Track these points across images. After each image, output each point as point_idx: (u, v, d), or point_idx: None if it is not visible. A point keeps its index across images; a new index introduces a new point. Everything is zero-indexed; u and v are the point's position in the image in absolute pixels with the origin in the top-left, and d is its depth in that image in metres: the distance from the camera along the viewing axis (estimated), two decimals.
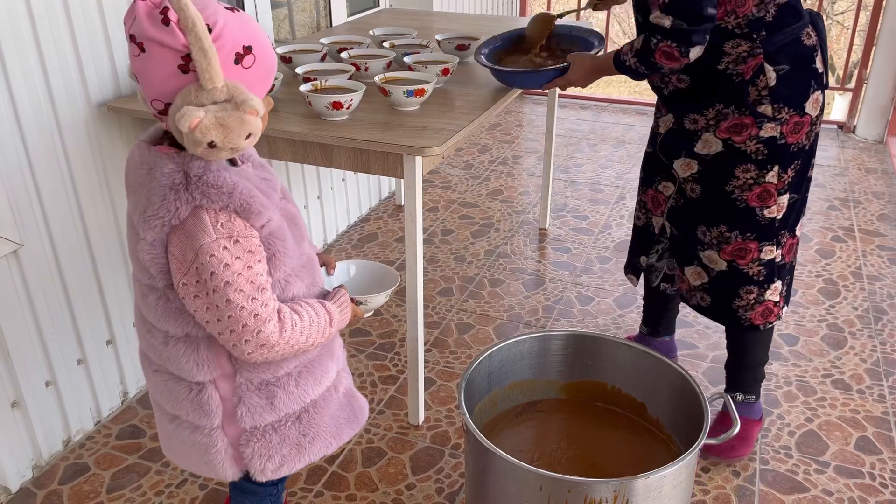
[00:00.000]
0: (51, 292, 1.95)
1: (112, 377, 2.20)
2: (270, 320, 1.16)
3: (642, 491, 1.36)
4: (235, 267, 1.12)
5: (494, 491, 1.47)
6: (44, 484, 1.97)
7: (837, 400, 2.30)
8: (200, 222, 1.11)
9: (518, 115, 4.89)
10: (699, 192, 1.83)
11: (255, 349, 1.16)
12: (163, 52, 1.04)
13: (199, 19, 1.02)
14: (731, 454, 2.01)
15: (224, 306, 1.12)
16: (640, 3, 1.79)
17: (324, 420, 1.36)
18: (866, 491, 1.97)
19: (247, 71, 1.10)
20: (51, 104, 1.88)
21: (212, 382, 1.26)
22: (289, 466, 1.34)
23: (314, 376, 1.33)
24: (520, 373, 1.76)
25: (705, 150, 1.78)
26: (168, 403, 1.31)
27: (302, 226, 1.30)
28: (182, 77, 1.06)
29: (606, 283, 2.93)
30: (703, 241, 1.87)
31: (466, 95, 2.14)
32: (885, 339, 2.59)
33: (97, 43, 1.97)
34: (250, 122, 1.07)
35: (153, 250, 1.14)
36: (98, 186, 2.04)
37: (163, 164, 1.12)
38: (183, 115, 1.03)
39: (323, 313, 1.26)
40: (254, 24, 1.13)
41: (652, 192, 2.03)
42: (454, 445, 2.10)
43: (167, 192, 1.11)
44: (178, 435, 1.33)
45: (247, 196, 1.13)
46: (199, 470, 1.35)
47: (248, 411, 1.27)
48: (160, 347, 1.25)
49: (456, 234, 3.31)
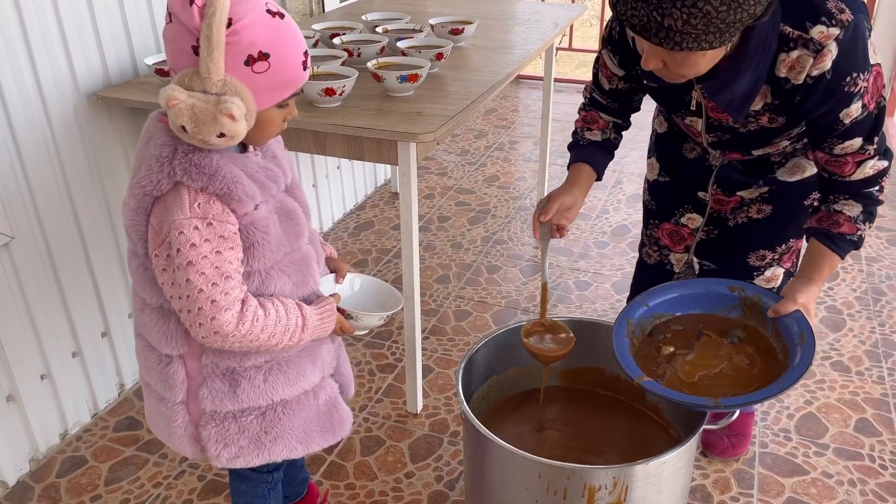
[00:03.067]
0: (44, 285, 1.93)
1: (108, 369, 2.19)
2: (228, 309, 1.14)
3: (642, 477, 1.35)
4: (202, 249, 1.11)
5: (493, 478, 1.47)
6: (41, 477, 1.96)
7: (836, 382, 2.29)
8: (179, 198, 1.11)
9: (514, 100, 4.86)
10: (770, 211, 1.65)
11: (209, 334, 1.15)
12: (181, 28, 1.06)
13: (221, 9, 1.02)
14: (731, 453, 2.00)
15: (184, 285, 1.13)
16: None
17: (292, 423, 1.33)
18: (866, 473, 1.96)
19: (256, 76, 1.08)
20: (39, 94, 1.85)
21: (180, 357, 1.26)
22: (245, 459, 1.32)
23: (286, 376, 1.30)
24: (518, 360, 1.74)
25: (791, 177, 1.61)
26: (143, 369, 1.33)
27: (301, 222, 1.28)
28: (193, 58, 1.07)
29: (604, 269, 2.92)
30: (759, 266, 1.71)
31: (461, 80, 2.12)
32: (884, 321, 2.58)
33: (85, 31, 1.95)
34: (223, 122, 1.06)
35: (135, 217, 1.16)
36: (89, 177, 2.02)
37: (159, 135, 1.14)
38: (165, 91, 1.05)
39: (296, 316, 1.23)
40: (289, 36, 1.10)
41: (669, 227, 1.80)
42: (453, 433, 2.10)
43: (153, 164, 1.12)
44: (150, 402, 1.35)
45: (229, 181, 1.12)
46: (165, 440, 1.36)
47: (209, 394, 1.26)
48: (138, 313, 1.28)
49: (452, 221, 3.30)
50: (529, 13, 3.00)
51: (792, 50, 1.29)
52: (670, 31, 1.15)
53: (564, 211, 1.59)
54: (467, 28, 2.46)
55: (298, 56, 1.12)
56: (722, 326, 1.49)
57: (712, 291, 1.53)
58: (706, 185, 1.69)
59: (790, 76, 1.32)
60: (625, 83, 1.61)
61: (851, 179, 1.41)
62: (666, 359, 1.44)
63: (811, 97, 1.32)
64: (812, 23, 1.27)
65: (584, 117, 1.71)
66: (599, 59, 1.63)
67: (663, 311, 1.53)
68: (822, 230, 1.45)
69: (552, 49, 3.08)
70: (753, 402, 1.34)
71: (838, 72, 1.28)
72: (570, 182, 1.64)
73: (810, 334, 1.36)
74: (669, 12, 1.13)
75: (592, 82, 1.69)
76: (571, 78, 5.06)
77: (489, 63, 2.29)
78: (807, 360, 1.32)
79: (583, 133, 1.69)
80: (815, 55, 1.27)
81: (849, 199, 1.43)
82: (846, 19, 1.26)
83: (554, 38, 2.68)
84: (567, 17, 2.91)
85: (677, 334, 1.49)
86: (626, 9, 1.18)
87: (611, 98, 1.66)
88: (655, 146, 1.81)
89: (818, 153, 1.42)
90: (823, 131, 1.37)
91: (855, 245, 1.44)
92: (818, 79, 1.30)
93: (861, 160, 1.38)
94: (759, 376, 1.38)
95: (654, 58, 1.26)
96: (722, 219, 1.72)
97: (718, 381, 1.40)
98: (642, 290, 1.89)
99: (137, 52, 2.12)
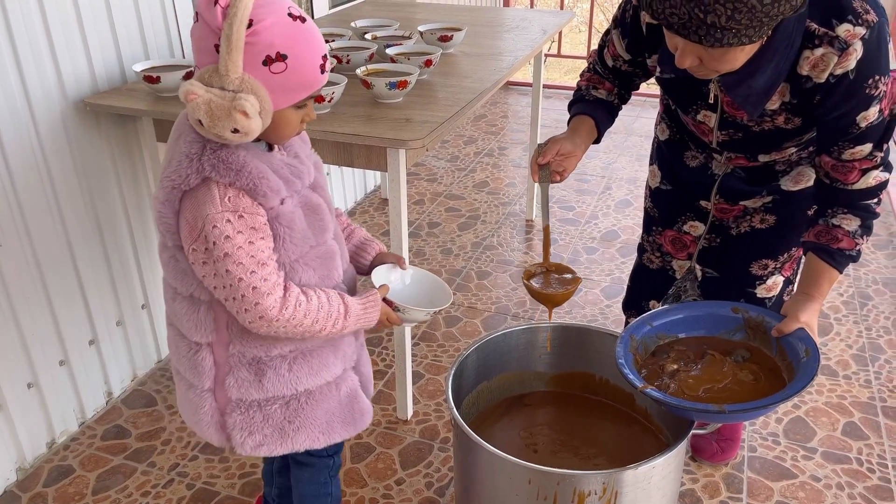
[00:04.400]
0: (31, 292, 1.92)
1: (96, 377, 2.18)
2: (270, 294, 1.19)
3: (631, 482, 1.35)
4: (237, 240, 1.16)
5: (483, 485, 1.46)
6: (28, 487, 1.95)
7: (824, 386, 2.31)
8: (210, 193, 1.15)
9: (503, 107, 4.88)
10: (773, 221, 1.65)
11: (255, 320, 1.19)
12: (205, 27, 1.10)
13: (243, 10, 1.05)
14: (720, 457, 2.01)
15: (225, 276, 1.17)
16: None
17: (315, 413, 1.36)
18: (854, 476, 1.98)
19: (273, 76, 1.11)
20: (26, 101, 1.84)
21: (208, 346, 1.29)
22: (269, 447, 1.35)
23: (310, 366, 1.33)
24: (508, 365, 1.74)
25: (796, 186, 1.60)
26: (174, 357, 1.37)
27: (325, 217, 1.31)
28: (215, 56, 1.10)
29: (593, 274, 2.93)
30: (761, 275, 1.71)
31: (450, 87, 2.13)
32: (871, 325, 2.60)
33: (73, 37, 1.94)
34: (236, 118, 1.09)
35: (162, 209, 1.20)
36: (77, 183, 2.01)
37: (188, 132, 1.18)
38: (184, 86, 1.09)
39: (337, 303, 1.27)
40: (308, 39, 1.13)
41: (672, 234, 1.79)
42: (443, 439, 2.09)
43: (183, 159, 1.16)
44: (180, 389, 1.39)
45: (255, 177, 1.16)
46: (193, 426, 1.39)
47: (235, 382, 1.30)
48: (170, 301, 1.32)
49: (442, 227, 3.30)
50: (518, 20, 3.01)
51: (817, 47, 1.28)
52: (712, 28, 1.13)
53: (563, 157, 1.56)
54: (456, 35, 2.47)
55: (316, 59, 1.15)
56: (726, 348, 1.49)
57: (715, 314, 1.53)
58: (709, 194, 1.69)
59: (812, 74, 1.31)
60: (628, 66, 1.60)
61: (853, 188, 1.40)
62: (669, 375, 1.44)
63: (832, 97, 1.32)
64: (839, 21, 1.26)
65: (588, 77, 1.69)
66: (608, 36, 1.62)
67: (666, 332, 1.53)
68: (822, 246, 1.44)
69: (541, 55, 3.09)
70: (759, 408, 1.33)
71: (862, 73, 1.28)
72: (572, 131, 1.61)
73: (815, 349, 1.36)
74: (713, 8, 1.11)
75: (597, 55, 1.67)
76: (560, 84, 5.08)
77: (478, 70, 2.30)
78: (811, 371, 1.32)
79: (588, 90, 1.67)
80: (840, 53, 1.27)
81: (847, 213, 1.42)
82: (872, 20, 1.26)
83: (543, 44, 2.70)
84: (556, 24, 2.92)
85: (681, 354, 1.49)
86: (665, 7, 1.16)
87: (612, 75, 1.65)
88: (657, 154, 1.81)
89: (825, 157, 1.41)
90: (837, 134, 1.36)
91: (853, 259, 1.44)
92: (841, 78, 1.29)
93: (867, 168, 1.38)
94: (764, 391, 1.38)
95: (689, 55, 1.24)
96: (724, 227, 1.71)
97: (722, 394, 1.40)
98: (643, 294, 1.91)
99: (125, 59, 2.11)
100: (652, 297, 1.89)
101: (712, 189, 1.68)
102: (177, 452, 2.06)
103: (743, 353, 1.47)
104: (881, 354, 2.45)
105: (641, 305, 1.91)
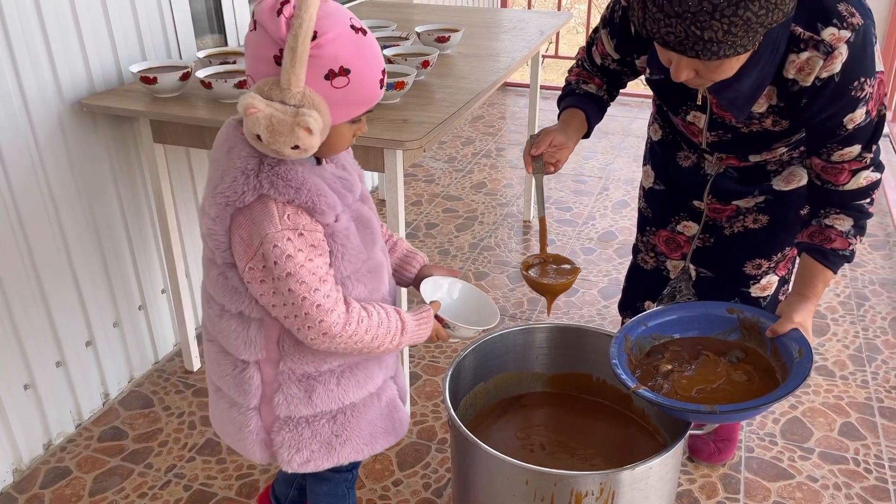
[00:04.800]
0: (27, 294, 1.92)
1: (92, 379, 2.17)
2: (334, 311, 1.17)
3: (629, 482, 1.36)
4: (298, 259, 1.13)
5: (481, 485, 1.46)
6: (25, 488, 1.94)
7: (821, 386, 2.31)
8: (268, 211, 1.12)
9: (501, 108, 4.88)
10: (766, 221, 1.65)
11: (318, 336, 1.18)
12: (265, 37, 1.07)
13: (308, 23, 1.03)
14: (717, 458, 2.01)
15: (287, 294, 1.15)
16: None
17: (360, 425, 1.35)
18: (851, 476, 1.98)
19: (335, 90, 1.09)
20: (23, 102, 1.84)
21: (256, 364, 1.27)
22: (315, 463, 1.34)
23: (357, 379, 1.32)
24: (505, 366, 1.74)
25: (787, 186, 1.60)
26: (215, 374, 1.34)
27: (375, 230, 1.30)
28: (273, 67, 1.07)
29: (591, 274, 2.93)
30: (755, 275, 1.71)
31: (447, 88, 2.13)
32: (868, 325, 2.60)
33: (69, 38, 1.94)
34: (299, 135, 1.07)
35: (213, 226, 1.17)
36: (73, 185, 2.01)
37: (242, 146, 1.14)
38: (244, 98, 1.06)
39: (395, 320, 1.26)
40: (370, 53, 1.12)
41: (666, 234, 1.79)
42: (441, 440, 2.09)
43: (238, 175, 1.13)
44: (219, 406, 1.36)
45: (314, 194, 1.14)
46: (233, 445, 1.36)
47: (284, 400, 1.28)
48: (215, 319, 1.28)
49: (440, 228, 3.30)
50: (515, 21, 3.02)
51: (802, 51, 1.29)
52: (709, 43, 1.14)
53: (556, 148, 1.55)
54: (453, 36, 2.47)
55: (377, 74, 1.13)
56: (721, 348, 1.50)
57: (711, 314, 1.53)
58: (702, 194, 1.69)
59: (798, 78, 1.31)
60: (617, 65, 1.60)
61: (844, 189, 1.41)
62: (663, 375, 1.45)
63: (818, 100, 1.32)
64: (824, 24, 1.26)
65: (578, 73, 1.69)
66: (596, 35, 1.62)
67: (661, 333, 1.53)
68: (815, 246, 1.44)
69: (538, 56, 3.10)
70: (750, 409, 1.34)
71: (847, 75, 1.28)
72: (564, 123, 1.60)
73: (808, 349, 1.37)
74: (709, 24, 1.11)
75: (585, 52, 1.67)
76: (558, 85, 5.07)
77: (475, 71, 2.30)
78: (804, 371, 1.33)
79: (578, 84, 1.66)
80: (826, 57, 1.27)
81: (840, 213, 1.43)
82: (857, 23, 1.26)
83: (540, 45, 2.70)
84: (553, 25, 2.92)
85: (676, 354, 1.50)
86: (660, 27, 1.16)
87: (601, 72, 1.65)
88: (650, 154, 1.81)
89: (815, 159, 1.42)
90: (825, 136, 1.37)
91: (847, 259, 1.45)
92: (826, 81, 1.29)
93: (857, 168, 1.38)
94: (757, 391, 1.38)
95: (685, 69, 1.24)
96: (718, 227, 1.71)
97: (716, 394, 1.40)
98: (638, 295, 1.91)
99: (122, 60, 2.11)
100: (647, 298, 1.89)
101: (705, 189, 1.68)
102: (174, 454, 2.05)
103: (738, 354, 1.47)
104: (878, 355, 2.45)
105: (637, 306, 1.91)
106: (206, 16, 2.55)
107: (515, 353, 1.75)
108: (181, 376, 2.35)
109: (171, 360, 2.43)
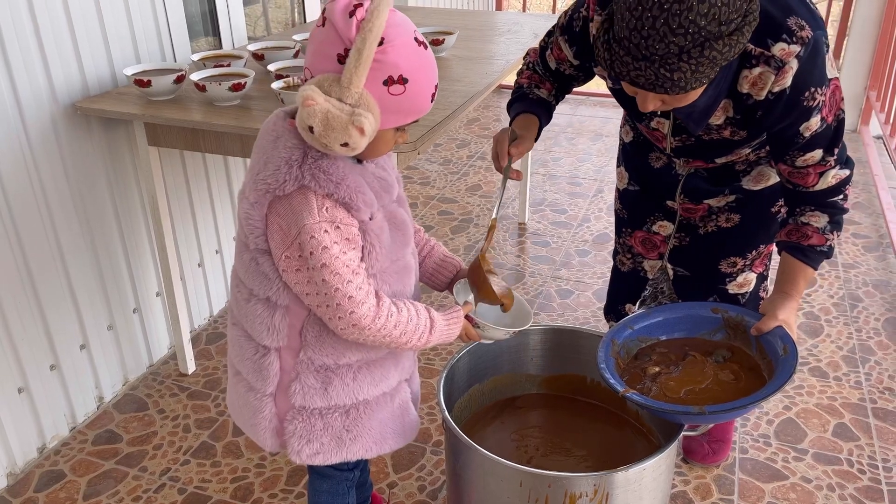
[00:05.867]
0: (21, 297, 1.91)
1: (87, 382, 2.17)
2: (364, 303, 1.20)
3: (622, 484, 1.36)
4: (333, 251, 1.16)
5: (475, 487, 1.47)
6: (19, 492, 1.94)
7: (815, 387, 2.32)
8: (307, 202, 1.15)
9: (496, 110, 4.89)
10: (738, 220, 1.67)
11: (347, 327, 1.20)
12: (333, 34, 1.10)
13: (378, 28, 1.06)
14: (712, 459, 2.01)
15: (321, 284, 1.18)
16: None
17: (371, 423, 1.37)
18: (844, 477, 1.99)
19: (390, 97, 1.12)
20: (16, 105, 1.84)
21: (276, 350, 1.29)
22: (324, 456, 1.35)
23: (372, 376, 1.34)
24: (499, 368, 1.75)
25: (757, 185, 1.63)
26: (236, 358, 1.36)
27: (408, 232, 1.32)
28: (336, 65, 1.10)
29: (586, 277, 2.94)
30: (731, 273, 1.73)
31: (441, 90, 2.13)
32: (861, 327, 2.61)
33: (63, 41, 1.93)
34: (351, 133, 1.09)
35: (251, 210, 1.19)
36: (67, 188, 2.01)
37: (288, 137, 1.17)
38: (305, 90, 1.09)
39: (425, 317, 1.28)
40: (428, 66, 1.15)
41: (642, 235, 1.81)
42: (435, 442, 2.09)
43: (282, 164, 1.15)
44: (237, 390, 1.38)
45: (353, 190, 1.17)
46: (246, 429, 1.39)
47: (301, 389, 1.30)
48: (242, 303, 1.30)
49: (435, 230, 3.30)
50: (510, 24, 3.02)
51: (754, 67, 1.31)
52: (679, 81, 1.17)
53: (520, 154, 1.55)
54: (448, 39, 2.48)
55: (430, 88, 1.16)
56: (707, 348, 1.51)
57: (695, 315, 1.55)
58: (674, 194, 1.71)
59: (752, 92, 1.34)
60: (574, 70, 1.61)
61: (815, 190, 1.43)
62: (651, 378, 1.46)
63: (773, 112, 1.35)
64: (773, 40, 1.28)
65: (529, 76, 1.68)
66: (551, 38, 1.61)
67: (648, 335, 1.54)
68: (793, 244, 1.47)
69: None
70: (738, 408, 1.35)
71: (798, 87, 1.31)
72: (526, 129, 1.57)
73: (793, 346, 1.38)
74: (677, 66, 1.14)
75: (539, 56, 1.67)
76: None
77: (470, 73, 2.30)
78: (790, 369, 1.34)
79: (531, 88, 1.66)
80: (777, 72, 1.29)
81: (815, 211, 1.45)
82: (806, 36, 1.28)
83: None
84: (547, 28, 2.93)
85: (663, 356, 1.51)
86: (629, 70, 1.18)
87: (553, 77, 1.65)
88: (623, 156, 1.83)
89: (781, 165, 1.45)
90: (785, 144, 1.40)
91: (826, 255, 1.47)
92: (779, 94, 1.32)
93: (823, 171, 1.41)
94: (744, 390, 1.39)
95: (653, 101, 1.26)
96: (693, 226, 1.73)
97: (704, 395, 1.41)
98: (618, 297, 1.92)
99: (116, 63, 2.11)
100: (627, 301, 1.90)
101: (677, 189, 1.70)
102: (168, 457, 2.05)
103: (724, 353, 1.48)
104: (871, 356, 2.46)
105: (618, 309, 1.93)
106: (201, 18, 2.55)
107: (510, 355, 1.75)
108: (175, 379, 2.35)
109: (165, 363, 2.43)
